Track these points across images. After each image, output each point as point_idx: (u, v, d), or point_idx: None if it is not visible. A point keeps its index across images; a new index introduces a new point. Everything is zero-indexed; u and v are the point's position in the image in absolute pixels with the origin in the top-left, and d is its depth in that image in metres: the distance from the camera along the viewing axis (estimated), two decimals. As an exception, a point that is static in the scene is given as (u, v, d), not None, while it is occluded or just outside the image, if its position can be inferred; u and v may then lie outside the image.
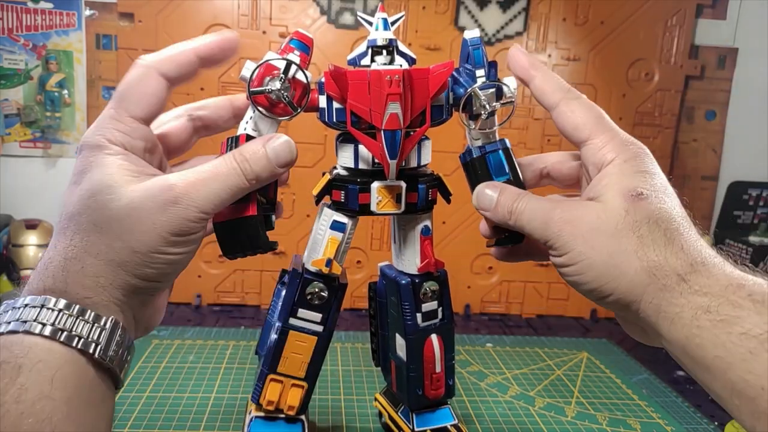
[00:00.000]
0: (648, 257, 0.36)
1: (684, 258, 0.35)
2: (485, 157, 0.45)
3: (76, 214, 0.35)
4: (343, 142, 0.46)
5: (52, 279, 0.34)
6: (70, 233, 0.35)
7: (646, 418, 0.67)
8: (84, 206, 0.35)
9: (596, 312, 1.00)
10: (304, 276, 0.48)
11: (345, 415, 0.63)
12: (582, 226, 0.38)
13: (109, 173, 0.36)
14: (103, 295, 0.35)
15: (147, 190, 0.35)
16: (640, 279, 0.36)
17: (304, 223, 0.93)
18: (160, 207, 0.35)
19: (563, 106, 0.41)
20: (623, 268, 0.36)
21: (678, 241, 0.36)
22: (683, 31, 0.95)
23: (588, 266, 0.37)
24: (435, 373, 0.51)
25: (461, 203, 0.46)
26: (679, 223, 0.37)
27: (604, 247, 0.37)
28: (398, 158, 0.42)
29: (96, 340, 0.33)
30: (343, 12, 0.90)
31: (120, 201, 0.35)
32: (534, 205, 0.41)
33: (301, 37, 0.43)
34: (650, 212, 0.37)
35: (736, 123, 1.02)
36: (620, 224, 0.37)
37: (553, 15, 0.93)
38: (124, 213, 0.35)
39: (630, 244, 0.36)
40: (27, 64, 0.90)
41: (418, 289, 0.49)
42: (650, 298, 0.36)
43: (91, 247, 0.35)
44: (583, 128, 0.41)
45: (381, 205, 0.46)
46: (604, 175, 0.39)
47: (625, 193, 0.37)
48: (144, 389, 0.65)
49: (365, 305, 0.58)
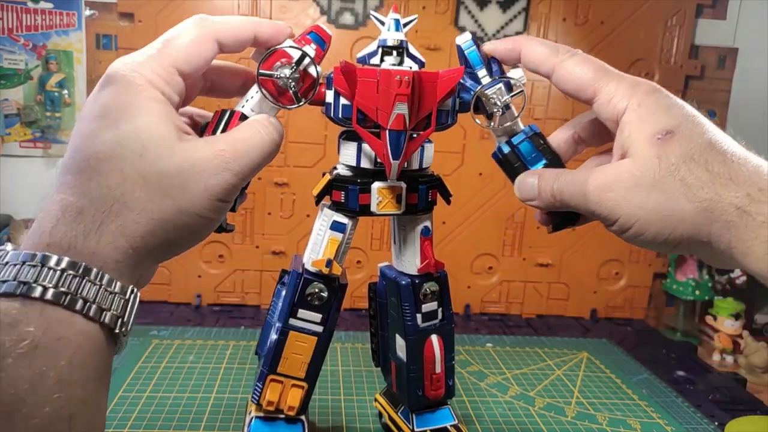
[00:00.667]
0: (698, 197, 0.34)
1: (736, 189, 0.33)
2: (515, 150, 0.44)
3: (116, 158, 0.31)
4: (346, 139, 0.46)
5: (83, 237, 0.30)
6: (107, 181, 0.31)
7: (646, 418, 0.67)
8: (131, 153, 0.31)
9: (596, 312, 1.00)
10: (304, 276, 0.48)
11: (345, 415, 0.63)
12: (620, 190, 0.36)
13: (158, 122, 0.33)
14: (130, 260, 0.31)
15: (200, 150, 0.33)
16: (699, 220, 0.34)
17: (304, 223, 0.93)
18: (213, 170, 0.33)
19: (559, 71, 0.40)
20: (679, 216, 0.34)
21: (724, 171, 0.34)
22: (683, 31, 0.95)
23: (643, 226, 0.36)
24: (435, 373, 0.51)
25: (461, 203, 0.46)
26: (717, 150, 0.35)
27: (650, 203, 0.35)
28: (401, 159, 0.42)
29: (119, 313, 0.30)
30: (343, 12, 0.90)
31: (173, 157, 0.32)
32: (570, 179, 0.39)
33: (321, 32, 0.43)
34: (683, 150, 0.35)
35: (736, 123, 1.02)
36: (657, 174, 0.35)
37: (553, 15, 0.93)
38: (177, 170, 0.32)
39: (675, 190, 0.34)
40: (27, 64, 0.90)
41: (418, 289, 0.49)
42: (717, 235, 0.34)
43: (134, 202, 0.31)
44: (586, 87, 0.39)
45: (381, 205, 0.46)
46: (623, 127, 0.37)
47: (651, 139, 0.35)
48: (144, 389, 0.65)
49: (365, 305, 0.58)
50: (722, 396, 0.74)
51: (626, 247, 1.00)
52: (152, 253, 0.33)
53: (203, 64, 0.37)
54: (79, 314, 0.29)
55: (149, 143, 0.32)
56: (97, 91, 0.34)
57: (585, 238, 0.98)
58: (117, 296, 0.30)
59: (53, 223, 0.30)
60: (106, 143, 0.31)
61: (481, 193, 0.93)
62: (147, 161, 0.32)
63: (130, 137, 0.32)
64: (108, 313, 0.30)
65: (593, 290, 1.00)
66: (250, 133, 0.37)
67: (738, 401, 0.73)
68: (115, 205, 0.31)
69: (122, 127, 0.32)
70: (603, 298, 1.01)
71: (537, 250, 0.98)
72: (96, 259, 0.30)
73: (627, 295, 1.01)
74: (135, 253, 0.32)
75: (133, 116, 0.32)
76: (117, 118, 0.32)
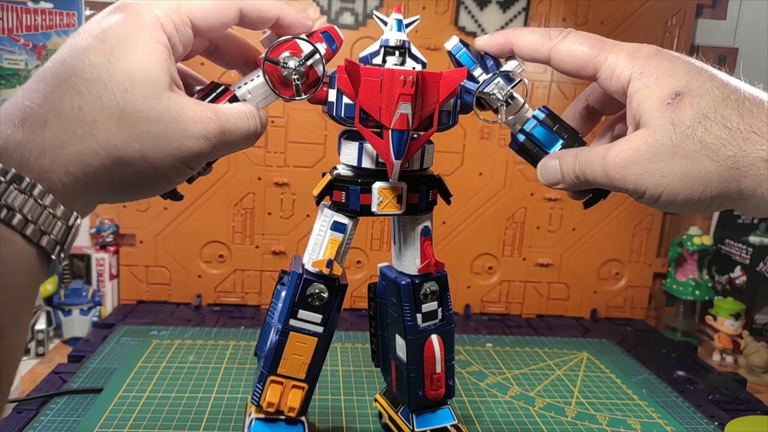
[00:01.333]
0: (721, 155, 0.33)
1: (760, 141, 0.33)
2: (530, 137, 0.44)
3: (99, 84, 0.30)
4: (347, 139, 0.46)
5: (38, 152, 0.28)
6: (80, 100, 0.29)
7: (646, 418, 0.67)
8: (116, 82, 0.30)
9: (596, 312, 1.00)
10: (305, 277, 0.47)
11: (345, 415, 0.63)
12: (640, 162, 0.35)
13: (153, 64, 0.31)
14: (78, 189, 0.30)
15: (186, 108, 0.32)
16: (727, 177, 0.34)
17: (304, 223, 0.93)
18: (193, 133, 0.32)
19: (555, 55, 0.40)
20: (705, 177, 0.34)
21: (743, 125, 0.33)
22: (683, 31, 0.95)
23: (672, 194, 0.35)
24: (435, 373, 0.51)
25: (461, 203, 0.46)
26: (733, 103, 0.34)
27: (673, 170, 0.34)
28: (403, 159, 0.42)
29: (59, 239, 0.29)
30: (343, 12, 0.90)
31: (158, 104, 0.31)
32: (589, 158, 0.38)
33: (334, 34, 0.43)
34: (697, 111, 0.34)
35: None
36: (674, 140, 0.34)
37: (553, 15, 0.93)
38: (157, 118, 0.31)
39: (697, 152, 0.34)
40: (27, 64, 0.90)
41: (418, 289, 0.49)
42: (750, 189, 0.34)
43: (102, 134, 0.30)
44: (586, 65, 0.38)
45: (382, 205, 0.46)
46: (632, 98, 0.37)
47: (661, 105, 0.35)
48: (144, 389, 0.65)
49: (365, 305, 0.58)
50: (722, 396, 0.74)
51: (626, 247, 1.00)
52: (100, 189, 0.31)
53: (219, 27, 0.36)
54: (18, 233, 0.28)
55: (138, 81, 0.31)
56: (104, 14, 0.32)
57: (585, 238, 0.98)
58: (59, 221, 0.29)
59: (10, 129, 0.28)
60: (95, 65, 0.30)
61: (481, 193, 0.94)
62: (130, 98, 0.30)
63: (122, 68, 0.30)
64: (47, 237, 0.29)
65: (593, 290, 1.00)
66: (239, 115, 0.36)
67: (738, 401, 0.73)
68: (81, 129, 0.29)
69: (117, 55, 0.31)
70: (603, 298, 1.01)
71: (537, 250, 0.98)
72: (45, 179, 0.29)
73: (627, 295, 1.01)
74: (84, 184, 0.30)
75: (130, 49, 0.31)
76: (114, 45, 0.31)
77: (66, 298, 0.85)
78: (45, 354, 0.80)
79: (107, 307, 0.91)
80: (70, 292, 0.85)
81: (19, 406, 0.61)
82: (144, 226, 0.92)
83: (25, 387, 0.68)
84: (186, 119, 0.32)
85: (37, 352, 0.80)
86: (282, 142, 0.91)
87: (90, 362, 0.72)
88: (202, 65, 0.44)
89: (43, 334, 0.80)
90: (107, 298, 0.91)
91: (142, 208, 0.91)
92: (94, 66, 0.30)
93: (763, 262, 0.94)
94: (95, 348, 0.76)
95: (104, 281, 0.91)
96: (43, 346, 0.80)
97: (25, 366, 0.76)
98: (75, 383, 0.66)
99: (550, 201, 0.96)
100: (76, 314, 0.84)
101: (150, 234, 0.92)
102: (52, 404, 0.62)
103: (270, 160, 0.92)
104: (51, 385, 0.66)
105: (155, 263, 0.93)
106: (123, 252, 0.93)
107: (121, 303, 0.94)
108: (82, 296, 0.85)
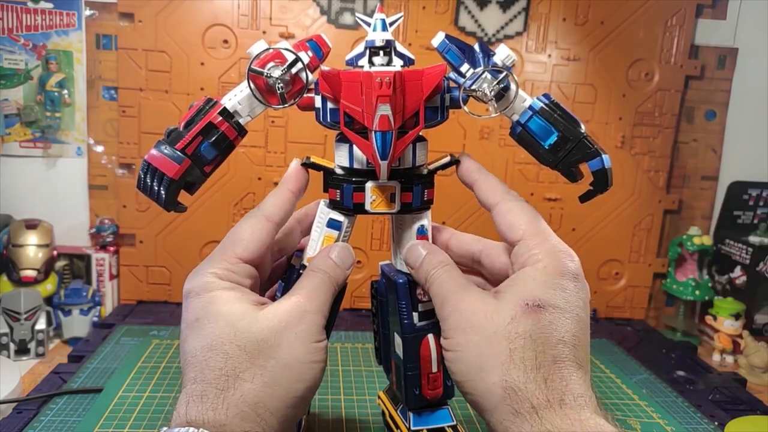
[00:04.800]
0: (510, 375, 0.35)
1: (544, 391, 0.34)
2: (526, 128, 0.44)
3: (218, 345, 0.36)
4: (339, 141, 0.47)
5: (213, 412, 0.34)
6: (216, 364, 0.36)
7: (646, 418, 0.67)
8: (226, 336, 0.37)
9: (596, 312, 1.00)
10: (301, 273, 0.47)
11: (345, 415, 0.63)
12: (467, 320, 0.38)
13: (236, 303, 0.38)
14: (259, 426, 0.35)
15: (280, 308, 0.39)
16: (497, 392, 0.35)
17: (304, 223, 0.93)
18: (297, 318, 0.38)
19: (502, 205, 0.43)
20: (485, 375, 0.36)
21: (546, 370, 0.35)
22: (683, 31, 0.95)
23: (459, 359, 0.38)
24: (432, 373, 0.51)
25: (461, 203, 0.46)
26: (560, 350, 0.36)
27: (476, 348, 0.37)
28: (389, 159, 0.42)
29: None
30: (343, 12, 0.90)
31: (259, 322, 0.37)
32: (445, 280, 0.42)
33: (321, 42, 0.45)
34: (536, 328, 0.36)
35: (736, 123, 1.02)
36: (500, 330, 0.36)
37: (553, 15, 0.93)
38: (268, 332, 0.37)
39: (500, 354, 0.36)
40: (27, 64, 0.90)
41: (414, 288, 0.49)
42: (501, 416, 0.35)
43: (244, 373, 0.36)
44: (517, 228, 0.41)
45: (375, 204, 0.46)
46: (519, 275, 0.39)
47: (522, 301, 0.37)
48: (144, 389, 0.65)
49: (365, 305, 0.58)
50: (722, 396, 0.74)
51: (626, 247, 1.00)
52: (278, 413, 0.36)
53: (261, 246, 0.42)
54: None
55: (235, 321, 0.37)
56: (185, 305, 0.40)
57: (585, 238, 0.98)
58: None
59: (184, 407, 0.35)
60: (209, 339, 0.37)
61: (481, 193, 0.94)
62: (240, 335, 0.37)
63: (222, 325, 0.37)
64: None
65: (593, 290, 1.00)
66: (318, 279, 0.42)
67: (738, 401, 0.73)
68: (230, 380, 0.35)
69: (215, 322, 0.37)
70: (603, 298, 1.01)
71: (537, 250, 0.97)
72: (227, 430, 0.34)
73: (627, 295, 1.01)
74: (261, 419, 0.35)
75: (216, 310, 0.38)
76: (202, 320, 0.38)
77: (66, 298, 0.85)
78: (45, 354, 0.80)
79: (107, 307, 0.91)
80: (70, 292, 0.85)
81: (19, 406, 0.61)
82: (144, 226, 0.92)
83: (25, 387, 0.68)
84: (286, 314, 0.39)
85: (37, 352, 0.80)
86: (282, 142, 0.91)
87: (90, 362, 0.72)
88: (202, 65, 0.44)
89: (43, 334, 0.80)
90: (107, 298, 0.91)
91: (142, 208, 0.91)
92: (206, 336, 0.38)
93: (763, 262, 0.94)
94: (95, 348, 0.76)
95: (104, 281, 0.91)
96: (43, 346, 0.80)
97: (25, 366, 0.76)
98: (75, 383, 0.67)
99: (550, 201, 0.96)
100: (76, 314, 0.84)
101: (150, 234, 0.92)
102: (52, 404, 0.62)
103: (270, 160, 0.92)
104: (51, 385, 0.66)
105: (155, 263, 0.93)
106: (123, 252, 0.93)
107: (121, 303, 0.94)
108: (82, 296, 0.85)
